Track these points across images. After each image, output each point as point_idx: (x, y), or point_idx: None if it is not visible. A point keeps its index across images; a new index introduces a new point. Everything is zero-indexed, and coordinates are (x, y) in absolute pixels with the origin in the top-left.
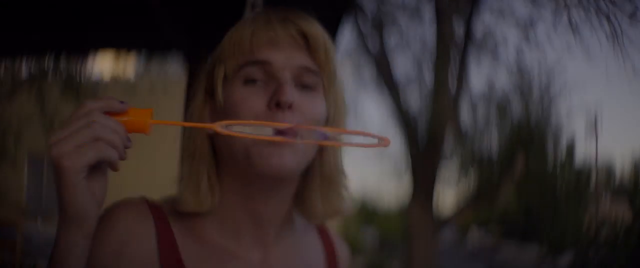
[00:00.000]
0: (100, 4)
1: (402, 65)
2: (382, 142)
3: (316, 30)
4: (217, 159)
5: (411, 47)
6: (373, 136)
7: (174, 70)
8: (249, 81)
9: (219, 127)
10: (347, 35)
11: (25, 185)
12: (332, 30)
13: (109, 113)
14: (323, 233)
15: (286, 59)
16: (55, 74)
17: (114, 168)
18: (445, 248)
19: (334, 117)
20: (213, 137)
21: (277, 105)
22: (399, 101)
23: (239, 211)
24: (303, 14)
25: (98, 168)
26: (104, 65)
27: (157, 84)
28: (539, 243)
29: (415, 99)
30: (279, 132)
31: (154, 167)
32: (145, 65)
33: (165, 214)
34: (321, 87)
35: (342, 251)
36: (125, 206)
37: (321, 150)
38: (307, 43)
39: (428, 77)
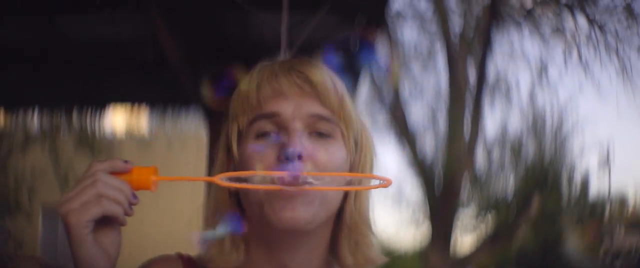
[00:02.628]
0: (118, 59)
1: (416, 113)
2: (384, 183)
3: (323, 76)
4: (241, 214)
5: (425, 94)
6: (375, 177)
7: (191, 124)
8: (261, 135)
9: (219, 179)
10: (362, 86)
11: (39, 238)
12: (354, 80)
13: (115, 173)
14: None
15: (295, 108)
16: (69, 128)
17: (121, 223)
18: None
19: (358, 163)
20: (238, 195)
21: (286, 157)
22: (415, 149)
23: (265, 265)
24: (310, 60)
25: (108, 223)
26: (119, 119)
27: (174, 138)
28: None
29: (431, 146)
30: (285, 182)
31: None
32: (161, 120)
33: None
34: (339, 134)
35: None
36: (160, 261)
37: (345, 198)
38: (316, 90)
39: (442, 123)
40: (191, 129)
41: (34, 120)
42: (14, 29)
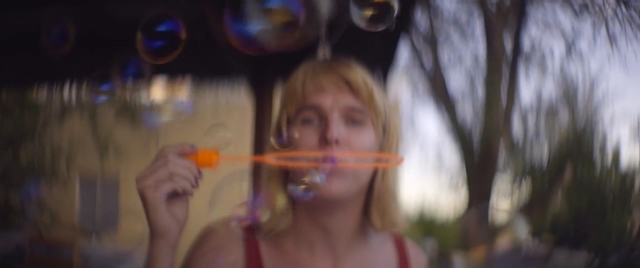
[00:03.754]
0: None
1: (455, 80)
2: (397, 161)
3: (356, 75)
4: (290, 187)
5: (463, 62)
6: (389, 157)
7: (234, 97)
8: (305, 122)
9: (269, 158)
10: (402, 52)
11: (77, 206)
12: (392, 48)
13: (183, 154)
14: (398, 243)
15: (333, 101)
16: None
17: (189, 195)
18: (500, 257)
19: (386, 144)
20: (287, 170)
21: (325, 141)
22: (454, 115)
23: (310, 227)
24: (346, 61)
25: (178, 196)
26: (161, 90)
27: (217, 109)
28: (587, 249)
29: (469, 113)
30: (324, 161)
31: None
32: (205, 91)
33: (255, 231)
34: (369, 122)
35: (417, 260)
36: (221, 224)
37: (375, 173)
38: (350, 87)
39: (480, 91)
40: (234, 101)
41: (73, 91)
42: (63, 14)
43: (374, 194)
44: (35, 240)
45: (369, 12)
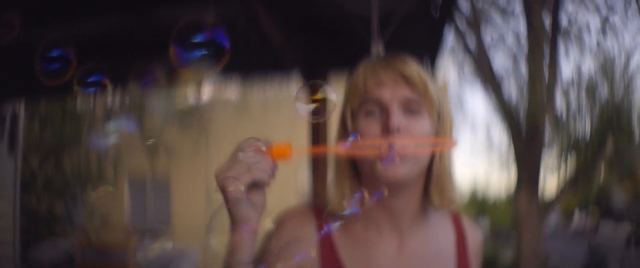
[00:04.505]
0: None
1: (499, 60)
2: (451, 144)
3: (411, 69)
4: (357, 172)
5: (505, 41)
6: (445, 142)
7: (284, 91)
8: (368, 114)
9: (340, 148)
10: (447, 35)
11: (127, 208)
12: (438, 35)
13: (258, 148)
14: (455, 219)
15: (392, 94)
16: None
17: (266, 186)
18: (549, 232)
19: (440, 130)
20: (354, 158)
21: (388, 130)
22: (500, 94)
23: (376, 210)
24: (402, 57)
25: (256, 186)
26: (211, 88)
27: (268, 104)
28: (630, 220)
29: (514, 91)
30: (387, 148)
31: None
32: (255, 87)
33: (327, 215)
34: (425, 110)
35: (473, 235)
36: (294, 210)
37: (432, 156)
38: (406, 80)
39: (523, 68)
40: (283, 95)
41: (119, 95)
42: (110, 23)
43: (433, 175)
44: (86, 246)
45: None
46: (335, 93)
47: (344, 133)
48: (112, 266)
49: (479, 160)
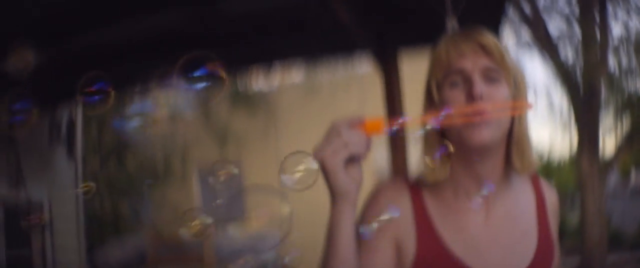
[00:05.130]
0: (280, 15)
1: (553, 24)
2: (527, 107)
3: (489, 40)
4: (445, 141)
5: (557, 5)
6: (523, 105)
7: (348, 70)
8: (453, 84)
9: (430, 120)
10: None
11: (198, 200)
12: (500, 3)
13: (352, 124)
14: (535, 183)
15: (473, 64)
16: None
17: (362, 160)
18: (609, 191)
19: (517, 96)
20: (442, 127)
21: (472, 98)
22: (557, 58)
23: (464, 176)
24: (478, 29)
25: (353, 160)
26: (278, 74)
27: (335, 84)
28: None
29: (570, 54)
30: (472, 116)
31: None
32: (321, 67)
33: (418, 185)
34: (503, 78)
35: (551, 196)
36: (388, 182)
37: (512, 123)
38: (485, 51)
39: (577, 31)
40: (351, 76)
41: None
42: (177, 18)
43: (514, 139)
44: (158, 241)
45: None
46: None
47: (430, 104)
48: (188, 258)
49: (541, 124)
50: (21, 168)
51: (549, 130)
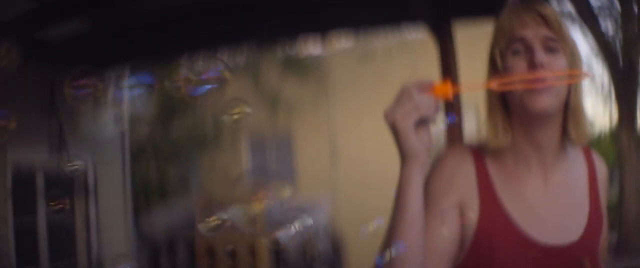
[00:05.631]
0: None
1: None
2: (585, 75)
3: (549, 11)
4: (508, 109)
5: None
6: (580, 74)
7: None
8: (515, 52)
9: (495, 85)
10: None
11: (247, 165)
12: None
13: (421, 88)
14: (587, 154)
15: (534, 34)
16: (274, 56)
17: (432, 123)
18: None
19: (572, 66)
20: (505, 94)
21: (533, 66)
22: (597, 31)
23: (525, 144)
24: (540, 1)
25: (422, 123)
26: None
27: (388, 51)
28: None
29: (610, 27)
30: (534, 82)
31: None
32: (375, 35)
33: (481, 151)
34: (561, 48)
35: (601, 168)
36: (453, 148)
37: (568, 92)
38: (546, 21)
39: (616, 4)
40: (404, 42)
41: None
42: None
43: (570, 109)
44: (206, 205)
45: None
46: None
47: (494, 71)
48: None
49: (583, 97)
50: (64, 133)
51: (590, 104)
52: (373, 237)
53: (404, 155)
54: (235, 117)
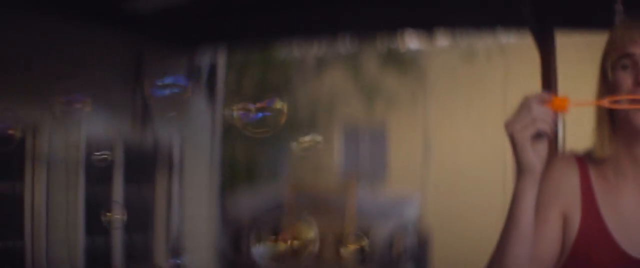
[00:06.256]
0: None
1: None
2: None
3: None
4: (613, 120)
5: None
6: None
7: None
8: (623, 67)
9: (605, 103)
10: None
11: (341, 156)
12: None
13: (541, 101)
14: None
15: None
16: (374, 49)
17: (549, 137)
18: None
19: None
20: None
21: (637, 84)
22: None
23: (625, 157)
24: None
25: (539, 136)
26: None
27: (489, 51)
28: None
29: None
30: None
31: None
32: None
33: (585, 161)
34: None
35: None
36: (560, 157)
37: None
38: None
39: None
40: (507, 45)
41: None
42: None
43: None
44: (297, 192)
45: None
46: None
47: (604, 84)
48: (328, 210)
49: None
50: (149, 107)
51: None
52: (459, 236)
53: (520, 168)
54: (306, 146)
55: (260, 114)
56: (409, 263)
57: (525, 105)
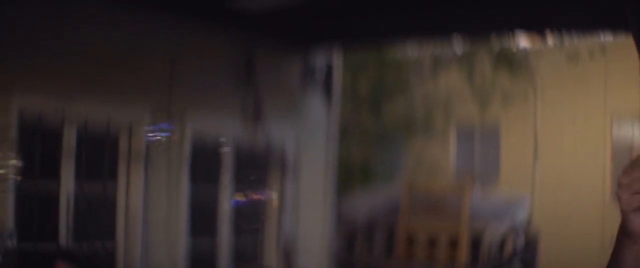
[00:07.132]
0: None
1: None
2: None
3: None
4: None
5: None
6: None
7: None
8: None
9: None
10: None
11: (454, 154)
12: None
13: None
14: None
15: None
16: (488, 49)
17: None
18: None
19: None
20: None
21: None
22: None
23: None
24: None
25: None
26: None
27: (595, 51)
28: None
29: None
30: None
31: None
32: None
33: None
34: None
35: None
36: None
37: None
38: None
39: None
40: (610, 49)
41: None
42: None
43: None
44: (413, 191)
45: None
46: None
47: None
48: (444, 210)
49: None
50: (260, 106)
51: None
52: (567, 239)
53: (623, 230)
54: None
55: None
56: (519, 265)
57: (636, 168)
